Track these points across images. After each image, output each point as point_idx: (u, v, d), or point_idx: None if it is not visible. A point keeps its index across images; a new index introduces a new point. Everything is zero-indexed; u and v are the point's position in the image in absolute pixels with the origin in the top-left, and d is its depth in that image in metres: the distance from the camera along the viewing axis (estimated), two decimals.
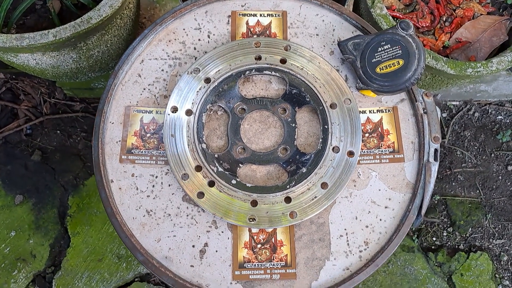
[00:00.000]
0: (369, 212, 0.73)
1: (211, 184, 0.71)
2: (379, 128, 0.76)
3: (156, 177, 0.74)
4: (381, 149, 0.75)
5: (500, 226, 1.47)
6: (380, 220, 0.73)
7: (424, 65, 0.73)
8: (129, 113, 0.76)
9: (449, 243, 1.46)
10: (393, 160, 0.75)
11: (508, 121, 1.56)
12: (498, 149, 1.53)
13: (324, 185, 0.71)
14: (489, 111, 1.57)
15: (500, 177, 1.51)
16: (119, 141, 0.75)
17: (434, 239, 1.46)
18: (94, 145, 0.73)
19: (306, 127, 0.76)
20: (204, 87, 0.74)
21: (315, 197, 0.70)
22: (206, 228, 0.72)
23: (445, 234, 1.46)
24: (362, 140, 0.75)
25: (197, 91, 0.74)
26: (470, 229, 1.47)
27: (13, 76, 1.48)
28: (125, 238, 0.69)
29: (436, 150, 0.74)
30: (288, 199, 0.70)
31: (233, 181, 0.71)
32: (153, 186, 0.73)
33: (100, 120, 0.74)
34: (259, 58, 0.76)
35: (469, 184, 1.51)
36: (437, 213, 1.47)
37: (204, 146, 0.73)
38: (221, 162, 0.73)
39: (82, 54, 1.05)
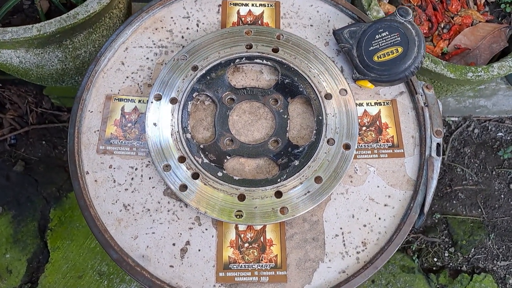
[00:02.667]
0: (367, 210, 0.67)
1: (195, 176, 0.65)
2: (377, 122, 0.71)
3: (136, 169, 0.68)
4: (379, 144, 0.70)
5: (504, 247, 1.40)
6: (379, 219, 0.66)
7: (425, 52, 0.69)
8: (109, 101, 0.71)
9: (451, 264, 1.38)
10: (393, 155, 0.69)
11: (509, 138, 1.51)
12: (500, 166, 1.48)
13: (318, 179, 0.65)
14: (489, 127, 1.52)
15: (502, 196, 1.45)
16: (97, 130, 0.69)
17: (435, 259, 1.38)
18: (70, 134, 0.68)
19: (299, 119, 0.71)
20: (191, 74, 0.70)
21: (308, 191, 0.65)
22: (188, 225, 0.65)
23: (446, 254, 1.39)
24: (359, 134, 0.70)
25: (183, 79, 0.69)
26: (473, 249, 1.40)
27: (0, 85, 1.44)
28: (98, 233, 0.63)
29: (438, 144, 0.69)
30: (278, 194, 0.65)
31: (219, 174, 0.66)
32: (132, 179, 0.67)
33: (78, 107, 0.69)
34: (250, 46, 0.72)
35: (471, 202, 1.45)
36: (438, 233, 1.41)
37: (188, 136, 0.67)
38: (206, 153, 0.67)
39: (68, 53, 1.01)
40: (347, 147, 0.67)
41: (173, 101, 0.68)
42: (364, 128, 0.71)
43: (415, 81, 0.72)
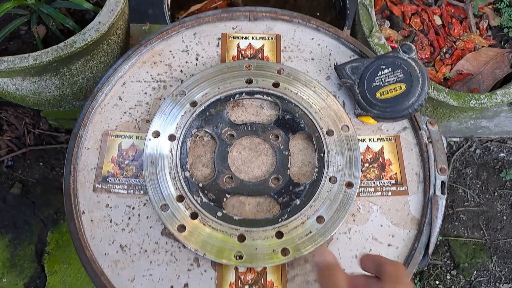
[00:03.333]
0: (370, 250, 0.65)
1: (194, 216, 0.63)
2: (380, 158, 0.70)
3: (133, 208, 0.66)
4: (382, 181, 0.68)
5: (507, 270, 1.38)
6: None
7: (428, 90, 0.67)
8: (106, 138, 0.69)
9: (453, 287, 1.36)
10: (396, 193, 0.68)
11: (510, 158, 1.50)
12: (502, 187, 1.47)
13: (320, 219, 0.64)
14: (491, 148, 1.51)
15: (504, 217, 1.43)
16: (94, 168, 0.68)
17: (437, 282, 1.36)
18: (66, 172, 0.66)
19: (300, 156, 0.69)
20: (190, 111, 0.68)
21: (310, 232, 0.63)
22: (187, 267, 0.64)
23: (448, 277, 1.37)
24: (362, 171, 0.69)
25: (182, 115, 0.68)
26: (475, 272, 1.38)
27: None
28: (94, 277, 0.61)
29: (443, 182, 0.67)
30: (279, 234, 0.63)
31: (219, 213, 0.64)
32: (129, 218, 0.66)
33: (74, 145, 0.67)
34: (250, 81, 0.70)
35: (473, 224, 1.43)
36: (439, 255, 1.39)
37: (187, 174, 0.66)
38: (206, 192, 0.66)
39: (65, 80, 0.99)
40: (349, 185, 0.65)
41: (171, 138, 0.67)
42: (366, 164, 0.70)
43: (419, 116, 0.70)
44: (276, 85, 0.70)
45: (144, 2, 1.63)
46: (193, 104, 0.68)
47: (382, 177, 0.69)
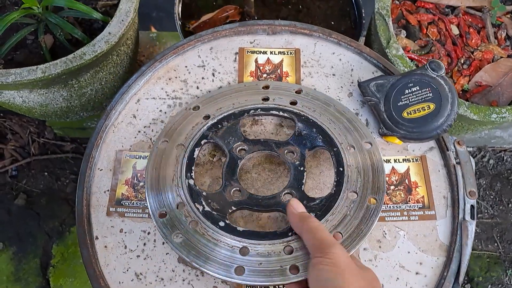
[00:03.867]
0: (398, 279, 0.62)
1: (194, 224, 0.59)
2: (406, 180, 0.67)
3: (149, 233, 0.63)
4: (409, 204, 0.65)
5: None
6: None
7: (457, 110, 0.64)
8: (120, 158, 0.66)
9: None
10: (424, 218, 0.65)
11: None
12: None
13: (337, 236, 0.57)
14: (505, 158, 1.48)
15: None
16: (108, 190, 0.65)
17: None
18: (78, 195, 0.63)
19: (317, 172, 0.66)
20: (202, 123, 0.65)
21: None
22: None
23: None
24: (387, 193, 0.66)
25: (193, 127, 0.64)
26: (490, 286, 1.35)
27: (1, 114, 1.39)
28: None
29: (472, 206, 0.64)
30: (289, 249, 0.56)
31: (221, 223, 0.59)
32: (145, 244, 0.63)
33: (87, 166, 0.64)
34: (266, 99, 0.67)
35: (486, 236, 1.40)
36: None
37: (191, 182, 0.62)
38: (209, 201, 0.61)
39: (73, 92, 0.96)
40: (372, 201, 0.60)
41: (179, 146, 0.63)
42: (392, 187, 0.67)
43: (446, 136, 0.67)
44: (293, 103, 0.67)
45: (149, 5, 1.60)
46: (206, 117, 0.66)
47: (409, 201, 0.66)
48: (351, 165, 0.63)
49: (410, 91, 0.65)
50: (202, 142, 0.65)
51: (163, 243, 0.63)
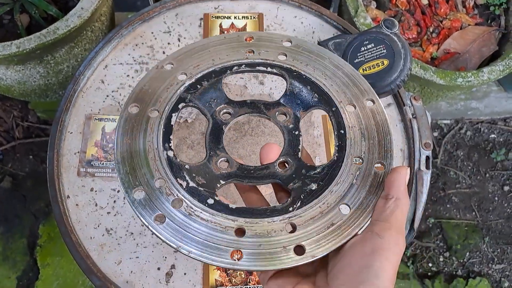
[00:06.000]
0: None
1: (177, 203, 0.50)
2: None
3: (118, 191, 0.66)
4: None
5: (499, 250, 1.39)
6: None
7: (411, 65, 0.67)
8: (89, 121, 0.69)
9: (446, 269, 1.37)
10: (381, 169, 0.68)
11: (501, 139, 1.50)
12: (493, 168, 1.47)
13: (344, 208, 0.50)
14: (482, 129, 1.51)
15: (496, 198, 1.44)
16: (78, 152, 0.67)
17: (430, 265, 1.37)
18: (49, 157, 0.66)
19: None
20: (177, 83, 0.57)
21: (332, 224, 0.48)
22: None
23: (441, 259, 1.38)
24: None
25: (167, 88, 0.57)
26: (468, 253, 1.39)
27: None
28: (80, 260, 0.61)
29: (428, 157, 0.67)
30: (292, 227, 0.48)
31: (210, 201, 0.50)
32: (114, 201, 0.65)
33: (57, 129, 0.67)
34: (251, 52, 0.60)
35: (464, 206, 1.44)
36: (432, 237, 1.39)
37: (170, 154, 0.61)
38: (194, 176, 0.53)
39: (50, 68, 0.98)
40: (380, 167, 0.52)
41: (152, 112, 0.56)
42: None
43: (403, 92, 0.70)
44: (283, 55, 0.60)
45: None
46: (182, 76, 0.58)
47: None
48: (354, 127, 0.55)
49: (365, 48, 0.67)
50: (180, 106, 0.56)
51: None
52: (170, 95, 0.57)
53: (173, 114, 0.56)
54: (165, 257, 0.63)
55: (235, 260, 0.45)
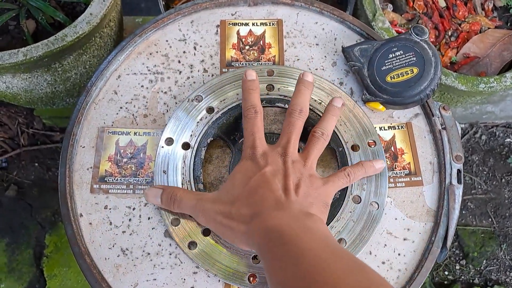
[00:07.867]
0: (385, 245, 0.62)
1: (206, 232, 0.59)
2: (392, 147, 0.66)
3: (134, 209, 0.62)
4: (395, 171, 0.65)
5: None
6: (399, 255, 0.61)
7: (441, 74, 0.64)
8: (102, 135, 0.65)
9: (462, 277, 1.33)
10: (410, 184, 0.64)
11: None
12: (509, 173, 1.44)
13: (340, 242, 0.59)
14: (497, 133, 1.48)
15: None
16: (91, 167, 0.64)
17: (446, 273, 1.33)
18: (61, 173, 0.62)
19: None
20: (206, 117, 0.63)
21: None
22: (192, 269, 0.60)
23: (457, 267, 1.34)
24: None
25: (197, 122, 0.63)
26: (485, 261, 1.35)
27: None
28: (95, 283, 0.58)
29: (459, 171, 0.64)
30: None
31: None
32: (130, 220, 0.62)
33: (69, 143, 0.63)
34: (271, 88, 0.66)
35: (480, 212, 1.40)
36: None
37: (201, 186, 0.61)
38: None
39: (57, 76, 0.95)
40: (375, 206, 0.61)
41: (185, 146, 0.62)
42: None
43: (431, 102, 0.67)
44: None
45: None
46: (210, 110, 0.64)
47: (395, 168, 0.65)
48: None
49: (394, 55, 0.64)
50: (208, 141, 0.64)
51: (149, 218, 0.62)
52: (200, 129, 0.63)
53: (203, 148, 0.63)
54: (184, 279, 0.60)
55: (251, 282, 0.57)
